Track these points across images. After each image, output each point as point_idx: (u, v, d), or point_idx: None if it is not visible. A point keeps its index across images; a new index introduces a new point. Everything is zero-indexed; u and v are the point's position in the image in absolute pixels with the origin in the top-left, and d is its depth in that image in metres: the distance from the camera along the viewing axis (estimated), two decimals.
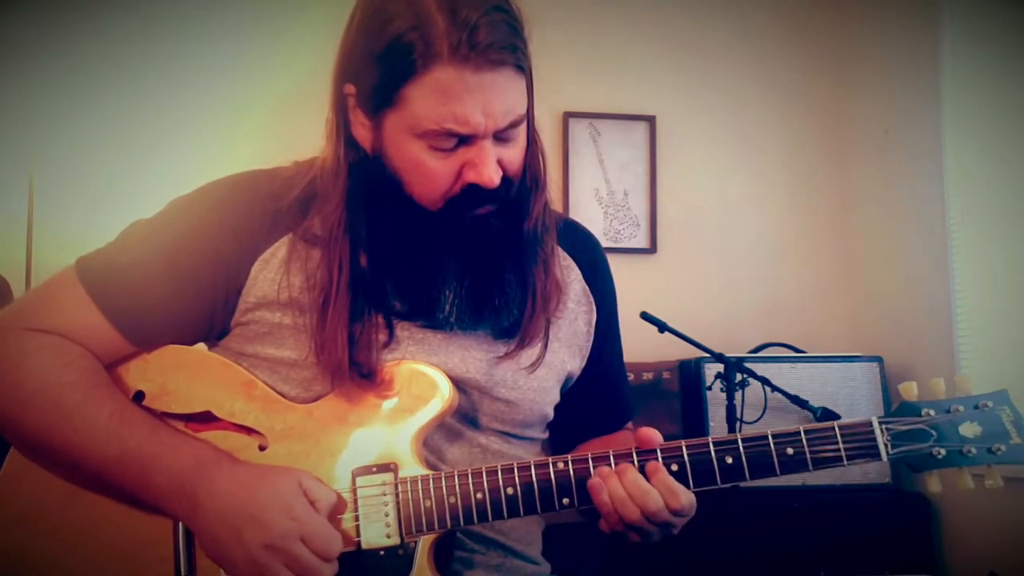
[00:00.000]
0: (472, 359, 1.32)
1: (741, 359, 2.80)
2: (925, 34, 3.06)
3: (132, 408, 1.25)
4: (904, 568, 2.73)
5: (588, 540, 1.89)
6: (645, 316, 2.68)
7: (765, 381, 2.72)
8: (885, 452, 1.20)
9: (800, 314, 3.46)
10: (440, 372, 1.27)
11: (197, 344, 1.34)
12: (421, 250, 1.27)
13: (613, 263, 1.52)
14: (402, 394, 1.25)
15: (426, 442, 1.27)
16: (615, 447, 1.23)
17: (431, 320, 1.28)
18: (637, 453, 1.22)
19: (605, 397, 1.49)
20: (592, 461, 1.21)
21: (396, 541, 1.21)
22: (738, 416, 2.73)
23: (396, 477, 1.22)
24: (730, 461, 1.21)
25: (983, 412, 1.22)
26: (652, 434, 1.23)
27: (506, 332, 1.33)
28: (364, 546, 1.21)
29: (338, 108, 1.28)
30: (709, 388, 2.86)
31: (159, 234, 1.31)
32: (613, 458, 1.21)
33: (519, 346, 1.33)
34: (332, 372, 1.25)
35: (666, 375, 3.02)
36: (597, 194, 3.44)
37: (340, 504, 1.21)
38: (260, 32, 3.27)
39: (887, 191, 3.32)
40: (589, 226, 1.55)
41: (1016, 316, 2.70)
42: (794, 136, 3.56)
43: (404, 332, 1.30)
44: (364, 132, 1.26)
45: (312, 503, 1.17)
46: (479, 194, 1.23)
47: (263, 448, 1.25)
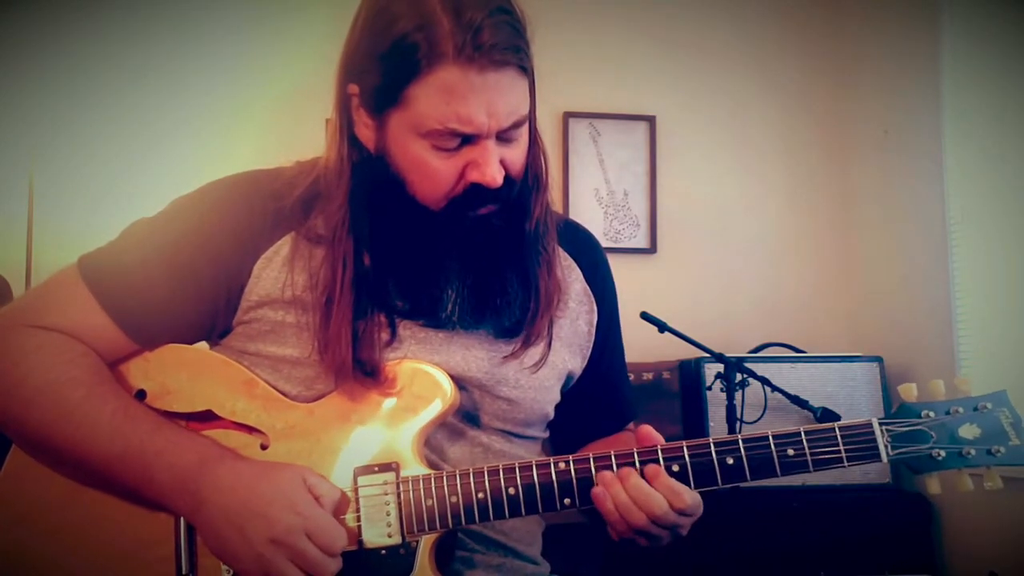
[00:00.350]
0: (474, 358, 1.32)
1: (741, 359, 2.79)
2: (925, 34, 3.06)
3: (135, 405, 1.25)
4: (904, 568, 2.74)
5: (588, 540, 1.90)
6: (645, 316, 2.67)
7: (765, 381, 2.72)
8: (885, 453, 1.21)
9: (800, 314, 3.46)
10: (442, 371, 1.27)
11: (199, 343, 1.35)
12: (424, 249, 1.27)
13: (613, 263, 1.52)
14: (404, 393, 1.26)
15: (428, 441, 1.27)
16: (618, 449, 1.23)
17: (433, 319, 1.29)
18: (638, 453, 1.22)
19: (607, 397, 1.49)
20: (594, 461, 1.21)
21: (397, 540, 1.21)
22: (738, 416, 2.73)
23: (398, 476, 1.22)
24: (731, 462, 1.21)
25: (982, 414, 1.23)
26: (651, 432, 1.23)
27: (507, 331, 1.33)
28: (365, 545, 1.21)
29: (342, 108, 1.29)
30: (709, 388, 2.86)
31: (161, 233, 1.31)
32: (614, 458, 1.21)
33: (524, 345, 1.33)
34: (336, 370, 1.25)
35: (666, 375, 3.02)
36: (597, 194, 3.44)
37: (342, 502, 1.21)
38: (260, 32, 3.27)
39: (887, 191, 3.32)
40: (589, 226, 1.56)
41: (1016, 316, 2.70)
42: (794, 136, 3.56)
43: (406, 331, 1.30)
44: (368, 132, 1.27)
45: (316, 498, 1.17)
46: (482, 194, 1.23)
47: (264, 447, 1.25)
